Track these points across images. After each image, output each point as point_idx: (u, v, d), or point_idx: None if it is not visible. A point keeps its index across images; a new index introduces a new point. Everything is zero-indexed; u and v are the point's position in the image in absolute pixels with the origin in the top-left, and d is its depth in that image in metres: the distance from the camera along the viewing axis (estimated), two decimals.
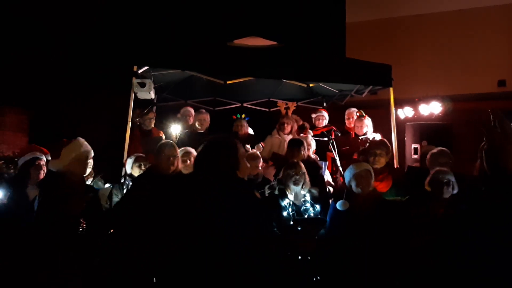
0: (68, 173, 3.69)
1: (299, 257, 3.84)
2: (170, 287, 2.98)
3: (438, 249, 3.57)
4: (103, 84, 7.08)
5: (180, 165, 4.63)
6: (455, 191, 3.90)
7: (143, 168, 4.98)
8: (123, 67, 6.24)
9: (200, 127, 6.43)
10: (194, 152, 4.86)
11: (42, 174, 4.42)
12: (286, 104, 6.80)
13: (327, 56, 6.52)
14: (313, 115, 7.14)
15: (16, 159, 7.22)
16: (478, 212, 2.75)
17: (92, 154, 3.96)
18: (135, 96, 6.38)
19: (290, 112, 6.72)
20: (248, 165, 3.15)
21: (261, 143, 6.21)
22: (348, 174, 4.08)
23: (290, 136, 6.34)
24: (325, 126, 6.93)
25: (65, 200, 3.56)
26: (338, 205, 3.87)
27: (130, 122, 6.28)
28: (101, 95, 7.32)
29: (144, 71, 6.19)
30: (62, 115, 7.60)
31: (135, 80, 6.19)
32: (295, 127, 6.48)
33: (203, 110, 6.77)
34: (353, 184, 3.99)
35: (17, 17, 6.82)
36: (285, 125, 6.29)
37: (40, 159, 4.49)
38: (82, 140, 3.90)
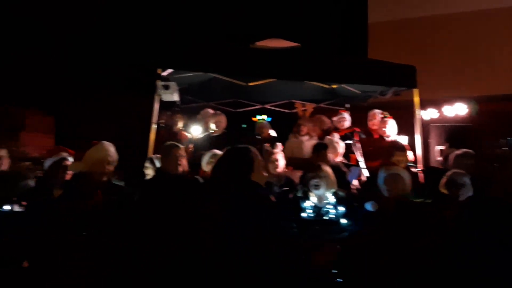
0: (89, 175, 3.74)
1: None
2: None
3: (444, 251, 3.54)
4: (128, 87, 7.17)
5: (209, 167, 4.66)
6: (470, 194, 3.89)
7: (150, 169, 4.97)
8: (147, 70, 6.33)
9: (217, 129, 6.46)
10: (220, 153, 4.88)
11: (69, 175, 4.48)
12: (304, 105, 6.78)
13: (350, 57, 6.49)
14: (334, 118, 7.09)
15: (42, 160, 7.40)
16: (479, 216, 2.93)
17: (116, 158, 3.98)
18: (160, 98, 6.48)
19: (307, 114, 6.70)
20: (266, 174, 3.23)
21: (279, 144, 6.21)
22: (379, 176, 4.09)
23: (307, 137, 6.32)
24: (348, 128, 6.88)
25: (85, 200, 3.60)
26: (368, 206, 3.88)
27: (155, 124, 6.38)
28: (126, 98, 7.42)
29: (168, 73, 6.26)
30: (87, 117, 7.73)
31: (159, 83, 6.28)
32: (315, 129, 6.47)
33: (219, 112, 6.80)
34: (383, 187, 4.01)
35: (43, 21, 6.96)
36: (302, 127, 6.27)
37: (67, 160, 4.58)
38: (107, 143, 3.94)
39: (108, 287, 3.58)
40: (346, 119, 6.99)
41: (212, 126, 6.30)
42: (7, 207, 4.08)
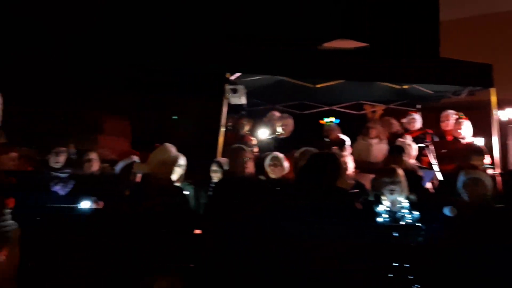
0: (154, 176, 3.85)
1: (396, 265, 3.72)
2: None
3: None
4: (197, 91, 7.37)
5: (269, 169, 4.69)
6: None
7: (218, 172, 5.05)
8: (215, 74, 6.47)
9: (283, 132, 6.46)
10: (281, 156, 4.90)
11: (138, 178, 4.66)
12: (373, 107, 6.64)
13: (421, 56, 6.30)
14: (404, 120, 6.87)
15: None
16: None
17: (181, 159, 4.07)
18: (228, 102, 6.60)
19: (377, 116, 6.54)
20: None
21: (348, 146, 6.10)
22: (458, 180, 3.96)
23: (376, 140, 6.17)
24: (419, 130, 6.64)
25: (151, 201, 3.72)
26: (446, 211, 3.74)
27: (223, 127, 6.51)
28: (194, 102, 7.63)
29: (236, 77, 6.37)
30: (159, 120, 8.03)
31: (227, 87, 6.41)
32: (384, 131, 6.31)
33: (286, 115, 6.80)
34: (462, 191, 3.89)
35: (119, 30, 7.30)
36: (371, 130, 6.13)
37: (136, 163, 4.76)
38: (169, 145, 4.02)
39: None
40: (416, 120, 6.75)
41: (279, 129, 6.32)
42: (85, 205, 4.31)
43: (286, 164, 4.91)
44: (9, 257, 4.19)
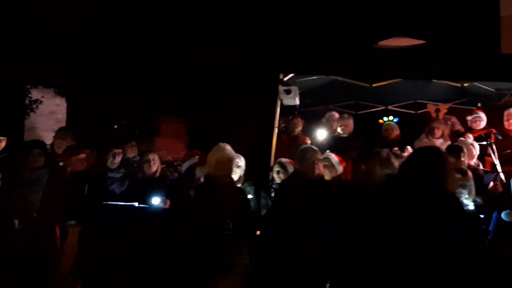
0: (215, 177, 3.89)
1: None
2: None
3: None
4: (250, 93, 7.43)
5: (322, 169, 4.66)
6: None
7: (281, 173, 5.07)
8: (269, 75, 6.50)
9: (342, 132, 6.38)
10: (335, 158, 4.84)
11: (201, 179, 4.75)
12: (437, 106, 6.43)
13: (481, 53, 6.04)
14: (469, 117, 6.61)
15: (175, 163, 7.99)
16: None
17: (237, 158, 4.09)
18: (281, 103, 6.61)
19: (441, 116, 6.33)
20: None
21: (409, 146, 5.94)
22: None
23: (441, 141, 5.98)
24: (483, 129, 6.37)
25: (213, 202, 3.76)
26: (504, 216, 3.55)
27: (277, 128, 6.53)
28: (248, 103, 7.69)
29: (289, 78, 6.37)
30: (214, 122, 8.16)
31: (281, 88, 6.42)
32: (447, 131, 6.10)
33: (346, 115, 6.72)
34: None
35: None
36: (436, 129, 5.94)
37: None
38: (223, 144, 4.03)
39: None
40: (482, 119, 6.48)
41: (338, 129, 6.26)
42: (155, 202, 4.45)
43: (339, 166, 4.85)
44: (68, 254, 4.42)
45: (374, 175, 3.99)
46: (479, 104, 7.48)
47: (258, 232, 4.31)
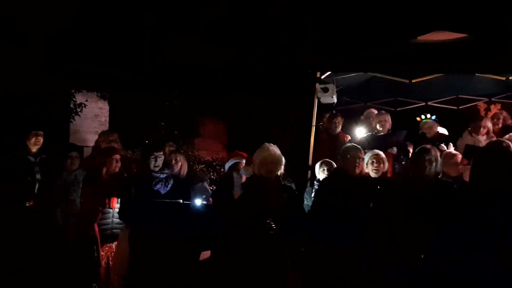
0: (261, 176, 3.91)
1: None
2: None
3: None
4: (289, 92, 7.44)
5: (370, 167, 4.60)
6: None
7: (327, 172, 5.09)
8: (306, 74, 6.49)
9: (381, 129, 6.26)
10: (382, 154, 4.77)
11: (244, 177, 4.79)
12: (488, 105, 6.21)
13: None
14: None
15: (214, 163, 8.10)
16: None
17: (282, 158, 4.11)
18: (318, 101, 6.58)
19: (490, 115, 6.10)
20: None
21: (451, 144, 5.78)
22: None
23: (485, 138, 5.77)
24: None
25: (260, 201, 3.78)
26: None
27: (315, 127, 6.50)
28: (286, 102, 7.71)
29: (326, 76, 6.32)
30: (253, 123, 8.23)
31: (318, 86, 6.38)
32: (496, 127, 5.89)
33: (383, 111, 6.58)
34: None
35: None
36: (481, 129, 5.73)
37: (241, 163, 4.91)
38: (268, 144, 4.04)
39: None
40: None
41: (377, 126, 6.16)
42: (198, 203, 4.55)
43: (386, 163, 4.78)
44: (117, 255, 4.57)
45: (424, 173, 3.93)
46: None
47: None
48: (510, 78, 6.83)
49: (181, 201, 4.39)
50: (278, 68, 7.41)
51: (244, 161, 4.97)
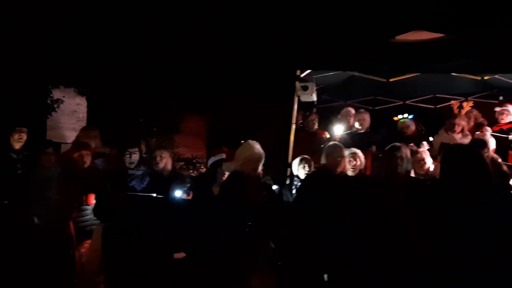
0: (242, 173, 3.91)
1: None
2: None
3: None
4: (268, 90, 7.45)
5: (347, 166, 4.64)
6: None
7: (307, 169, 5.11)
8: (286, 72, 6.50)
9: (360, 127, 6.33)
10: (359, 153, 4.82)
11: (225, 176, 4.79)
12: (461, 103, 6.34)
13: (503, 45, 5.90)
14: (497, 109, 6.44)
15: (194, 161, 8.07)
16: None
17: (263, 155, 4.13)
18: (298, 100, 6.60)
19: (463, 112, 6.23)
20: None
21: (425, 142, 5.87)
22: None
23: (460, 135, 5.89)
24: (509, 123, 6.23)
25: (241, 198, 3.78)
26: None
27: (294, 125, 6.52)
28: (266, 100, 7.72)
29: (306, 74, 6.35)
30: (233, 120, 8.22)
31: (298, 84, 6.41)
32: (469, 126, 6.01)
33: (363, 110, 6.66)
34: None
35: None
36: (456, 126, 5.85)
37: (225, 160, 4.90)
38: (253, 142, 4.09)
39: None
40: (510, 113, 6.33)
41: (356, 124, 6.22)
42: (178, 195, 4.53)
43: (363, 160, 4.84)
44: (92, 251, 4.53)
45: (396, 170, 3.98)
46: (501, 97, 7.34)
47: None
48: (485, 78, 6.99)
49: (154, 195, 4.37)
50: (258, 66, 7.40)
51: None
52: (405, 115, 6.49)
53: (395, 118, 6.54)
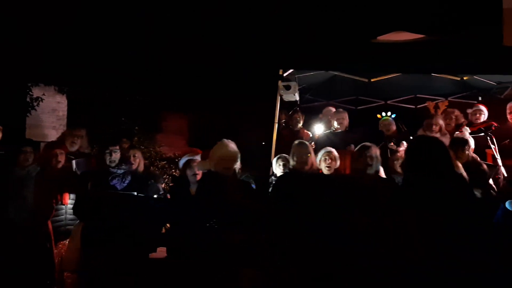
0: (217, 172, 3.90)
1: None
2: None
3: None
4: (251, 88, 7.45)
5: (323, 164, 4.66)
6: None
7: (282, 168, 5.10)
8: (269, 71, 6.51)
9: (339, 126, 6.37)
10: (334, 152, 4.85)
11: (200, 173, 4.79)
12: (436, 103, 6.42)
13: (482, 46, 6.00)
14: (469, 111, 6.57)
15: (176, 160, 8.03)
16: None
17: (238, 154, 4.12)
18: (281, 99, 6.62)
19: (439, 112, 6.31)
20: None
21: (405, 142, 5.93)
22: None
23: (438, 135, 5.97)
24: (484, 122, 6.34)
25: (217, 196, 3.77)
26: (508, 205, 3.52)
27: (277, 124, 6.53)
28: (249, 99, 7.72)
29: (289, 73, 6.36)
30: (216, 118, 8.20)
31: (280, 83, 6.41)
32: (450, 126, 6.09)
33: (341, 110, 6.70)
34: None
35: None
36: (433, 126, 5.93)
37: (195, 160, 4.89)
38: (227, 141, 4.05)
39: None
40: (483, 113, 6.43)
41: (335, 123, 6.26)
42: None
43: (338, 159, 4.87)
44: (69, 251, 4.49)
45: (366, 170, 4.02)
46: (480, 98, 7.45)
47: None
48: (465, 78, 7.08)
49: (135, 193, 4.34)
50: (241, 65, 7.40)
51: (198, 157, 4.94)
52: (388, 114, 6.57)
53: (379, 116, 6.61)
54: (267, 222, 4.08)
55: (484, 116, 6.42)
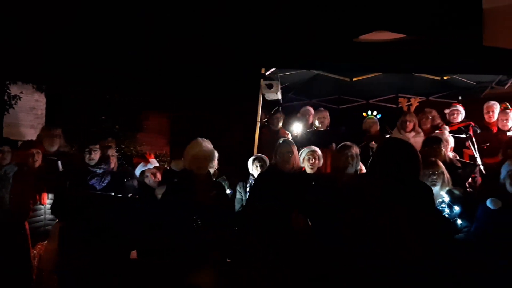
0: (191, 172, 3.86)
1: None
2: None
3: None
4: (233, 87, 7.42)
5: (306, 163, 4.66)
6: None
7: (259, 169, 5.08)
8: (251, 70, 6.49)
9: (320, 125, 6.39)
10: (318, 151, 4.85)
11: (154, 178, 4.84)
12: (409, 100, 6.47)
13: (462, 46, 6.07)
14: (447, 111, 6.64)
15: (157, 159, 7.95)
16: None
17: (214, 154, 4.08)
18: (263, 98, 6.60)
19: (412, 109, 6.37)
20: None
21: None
22: (503, 171, 3.73)
23: (413, 134, 6.02)
24: (462, 122, 6.41)
25: (188, 196, 3.73)
26: (489, 203, 3.55)
27: (259, 123, 6.52)
28: (231, 98, 7.69)
29: (271, 72, 6.34)
30: (198, 118, 8.15)
31: (263, 82, 6.40)
32: (428, 123, 6.14)
33: (322, 109, 6.72)
34: (507, 182, 3.63)
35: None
36: (407, 123, 5.98)
37: (147, 169, 4.93)
38: (201, 140, 3.98)
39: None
40: (460, 112, 6.51)
41: (316, 122, 6.26)
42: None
43: (322, 158, 4.87)
44: (47, 250, 4.42)
45: (346, 169, 4.03)
46: (460, 97, 7.53)
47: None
48: (445, 78, 7.14)
49: (112, 193, 4.30)
50: (223, 64, 7.36)
51: (149, 165, 4.98)
52: (374, 113, 6.59)
53: (364, 114, 6.63)
54: (254, 222, 4.09)
55: (461, 116, 6.49)
